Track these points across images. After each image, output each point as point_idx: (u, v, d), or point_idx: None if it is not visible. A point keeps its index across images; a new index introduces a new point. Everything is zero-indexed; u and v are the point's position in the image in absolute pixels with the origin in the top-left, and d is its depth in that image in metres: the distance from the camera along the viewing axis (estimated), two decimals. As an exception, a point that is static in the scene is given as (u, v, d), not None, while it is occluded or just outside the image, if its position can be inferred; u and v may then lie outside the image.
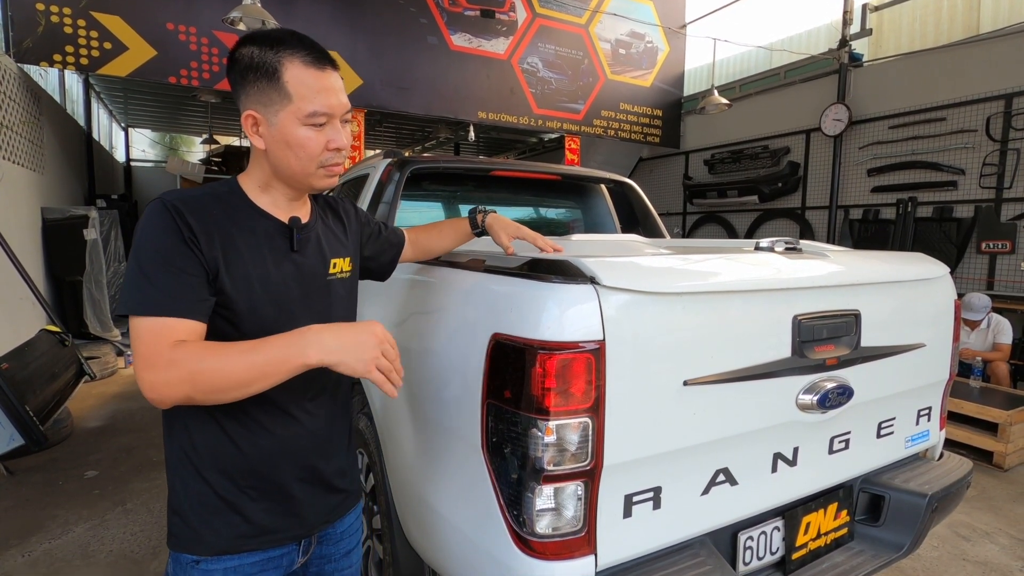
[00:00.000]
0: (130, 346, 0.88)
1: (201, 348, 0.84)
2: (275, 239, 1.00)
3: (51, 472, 3.27)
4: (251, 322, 0.94)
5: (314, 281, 1.04)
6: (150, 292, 0.85)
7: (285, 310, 0.98)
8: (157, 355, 0.83)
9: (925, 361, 1.62)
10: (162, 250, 0.87)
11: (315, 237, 1.07)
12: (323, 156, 0.97)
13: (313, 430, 1.05)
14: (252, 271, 0.94)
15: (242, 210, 0.98)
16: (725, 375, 1.19)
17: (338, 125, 0.98)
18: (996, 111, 5.08)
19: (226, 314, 0.93)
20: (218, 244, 0.91)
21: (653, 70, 7.91)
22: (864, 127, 6.12)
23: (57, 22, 4.64)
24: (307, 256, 1.04)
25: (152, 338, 0.84)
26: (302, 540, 1.07)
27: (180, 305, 0.86)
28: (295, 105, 0.93)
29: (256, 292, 0.95)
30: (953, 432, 3.63)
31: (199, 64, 5.22)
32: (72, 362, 4.03)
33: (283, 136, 0.94)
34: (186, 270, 0.87)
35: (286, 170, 0.98)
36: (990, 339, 4.39)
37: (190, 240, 0.88)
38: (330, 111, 0.95)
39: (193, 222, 0.89)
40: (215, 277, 0.90)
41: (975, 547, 2.59)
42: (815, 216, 6.72)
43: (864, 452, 1.56)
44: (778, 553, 1.43)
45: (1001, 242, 5.02)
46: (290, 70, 0.92)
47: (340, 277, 1.10)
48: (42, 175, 5.71)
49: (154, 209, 0.90)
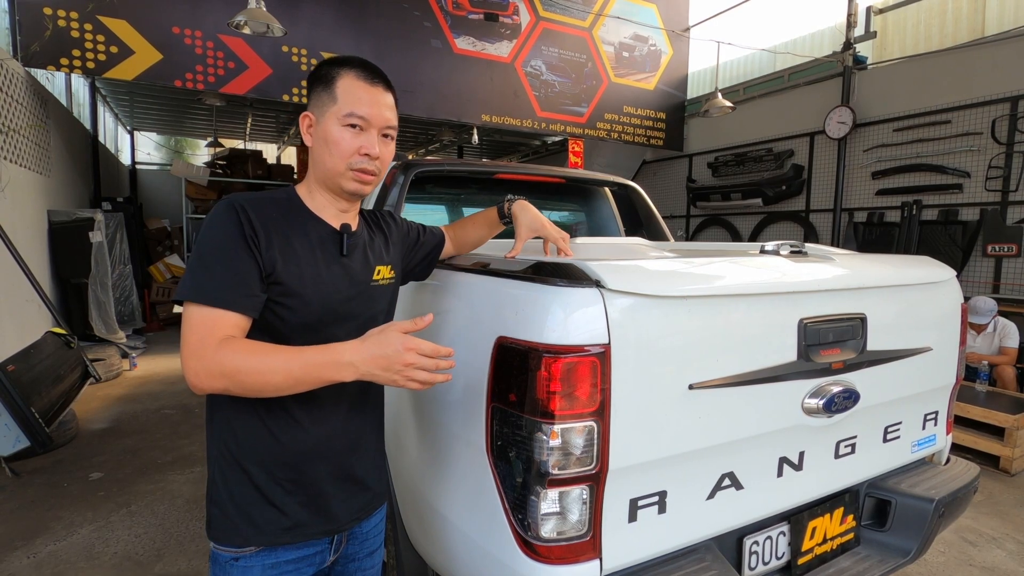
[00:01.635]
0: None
1: (245, 350, 0.90)
2: (327, 243, 1.07)
3: (56, 474, 3.28)
4: (298, 317, 1.00)
5: (359, 285, 1.10)
6: (205, 282, 0.92)
7: (331, 309, 1.04)
8: (203, 347, 0.89)
9: (931, 365, 1.61)
10: (223, 244, 0.94)
11: (362, 245, 1.14)
12: (353, 159, 1.04)
13: (349, 428, 1.10)
14: (305, 270, 1.01)
15: (298, 214, 1.06)
16: (730, 379, 1.18)
17: (374, 135, 1.05)
18: (1002, 114, 5.06)
19: (277, 308, 0.98)
20: (276, 243, 0.98)
21: (656, 73, 7.91)
22: (868, 130, 6.11)
23: (64, 26, 4.67)
24: (354, 261, 1.10)
25: (201, 328, 0.90)
26: (334, 536, 1.11)
27: (231, 297, 0.92)
28: (337, 106, 1.03)
29: (307, 290, 1.01)
30: (959, 436, 3.60)
31: (204, 68, 5.25)
32: (77, 364, 4.05)
33: (324, 133, 1.04)
34: (242, 265, 0.94)
35: (321, 168, 1.06)
36: (996, 343, 4.37)
37: (251, 237, 0.95)
38: (367, 117, 1.03)
39: (256, 221, 0.97)
40: (270, 274, 0.97)
41: (982, 552, 2.57)
42: (819, 219, 6.70)
43: (870, 456, 1.55)
44: (784, 558, 1.42)
45: (1007, 245, 4.99)
46: (343, 79, 1.04)
47: (382, 284, 1.17)
48: (48, 178, 5.74)
49: (222, 206, 0.98)
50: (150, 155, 12.78)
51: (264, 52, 5.48)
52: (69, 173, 6.68)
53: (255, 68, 5.47)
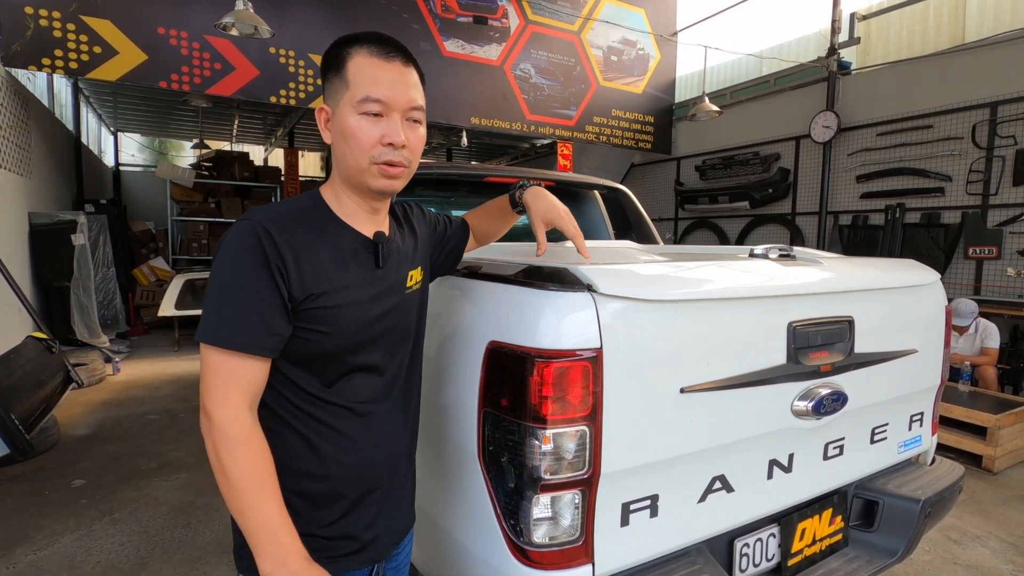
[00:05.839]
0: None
1: (238, 449, 0.83)
2: (360, 255, 0.96)
3: (37, 481, 3.21)
4: (332, 342, 0.92)
5: (394, 296, 1.01)
6: (218, 323, 0.84)
7: (368, 325, 0.96)
8: (214, 399, 0.84)
9: (917, 367, 1.63)
10: (240, 276, 0.84)
11: (395, 249, 1.04)
12: (376, 151, 0.91)
13: (392, 449, 1.04)
14: (340, 289, 0.92)
15: (327, 224, 0.95)
16: (721, 382, 1.19)
17: (396, 119, 0.92)
18: (982, 119, 5.16)
19: (308, 334, 0.90)
20: (306, 266, 0.88)
21: (645, 77, 7.97)
22: (853, 134, 6.19)
23: (46, 26, 4.59)
24: (389, 271, 1.01)
25: (216, 373, 0.84)
26: (374, 566, 1.04)
27: (246, 340, 0.84)
28: (351, 92, 0.90)
29: (343, 310, 0.92)
30: (943, 436, 3.66)
31: (190, 69, 5.19)
32: (59, 369, 3.97)
33: (340, 126, 0.92)
34: (264, 300, 0.84)
35: (343, 166, 0.95)
36: (978, 344, 4.44)
37: (276, 265, 0.85)
38: (385, 100, 0.90)
39: (283, 244, 0.86)
40: (301, 301, 0.88)
41: (966, 551, 2.61)
42: (805, 222, 6.78)
43: (858, 458, 1.56)
44: (774, 560, 1.43)
45: (987, 248, 5.08)
46: (354, 59, 0.91)
47: (415, 289, 1.07)
48: (29, 180, 5.64)
49: (240, 230, 0.86)
50: (134, 156, 12.61)
51: (251, 54, 5.43)
52: (51, 175, 6.57)
53: (242, 70, 5.43)
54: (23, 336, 3.92)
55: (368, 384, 0.98)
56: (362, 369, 0.97)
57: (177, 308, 6.67)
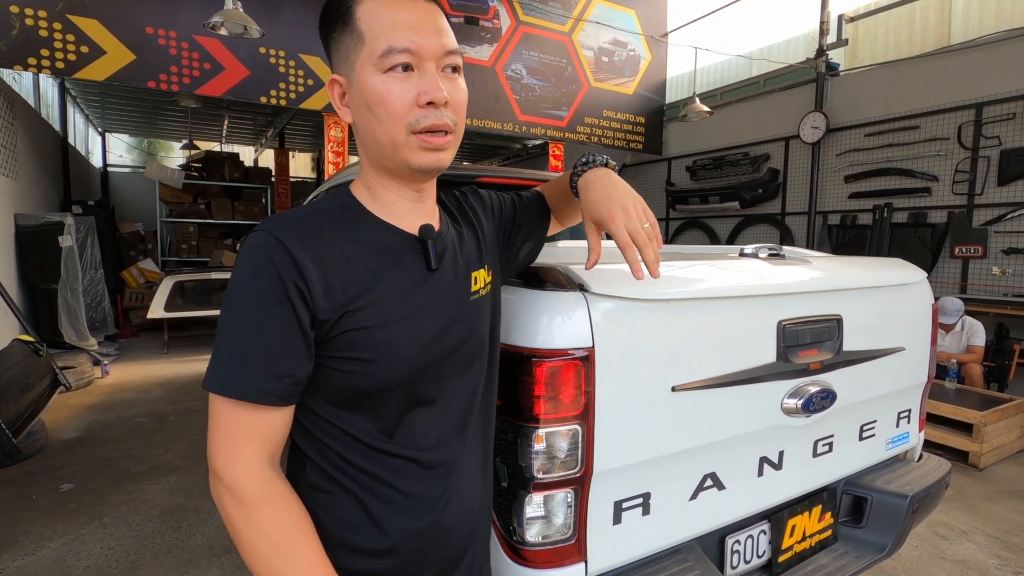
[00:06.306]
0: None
1: (258, 511, 0.67)
2: (405, 258, 0.76)
3: (24, 486, 3.17)
4: (383, 368, 0.73)
5: (456, 305, 0.80)
6: (220, 366, 0.68)
7: (426, 346, 0.76)
8: (223, 455, 0.68)
9: (904, 364, 1.65)
10: (245, 306, 0.68)
11: (451, 247, 0.83)
12: (412, 115, 0.71)
13: (471, 508, 0.85)
14: (382, 301, 0.72)
15: (360, 225, 0.76)
16: (712, 380, 1.20)
17: (432, 70, 0.71)
18: (967, 119, 5.23)
19: (350, 363, 0.72)
20: (335, 274, 0.70)
21: (636, 78, 8.00)
22: (841, 135, 6.26)
23: (32, 25, 4.54)
24: (445, 274, 0.80)
25: (222, 425, 0.69)
26: None
27: (250, 387, 0.67)
28: (368, 47, 0.70)
29: (389, 329, 0.73)
30: (930, 433, 3.70)
31: (179, 69, 5.15)
32: (47, 372, 3.93)
33: (362, 94, 0.72)
34: (269, 334, 0.67)
35: (373, 146, 0.75)
36: (964, 342, 4.50)
37: (293, 283, 0.67)
38: (414, 48, 0.70)
39: (301, 254, 0.68)
40: (335, 320, 0.70)
41: (953, 546, 2.64)
42: (794, 222, 6.84)
43: (847, 455, 1.58)
44: (765, 556, 1.44)
45: (973, 247, 5.15)
46: (364, 5, 0.72)
47: (483, 294, 0.87)
48: (15, 181, 5.57)
49: (249, 244, 0.69)
50: (122, 157, 12.49)
51: (241, 54, 5.40)
52: (37, 176, 6.49)
53: (232, 70, 5.39)
54: (10, 339, 3.87)
55: (435, 424, 0.80)
56: (425, 404, 0.79)
57: (166, 310, 6.62)
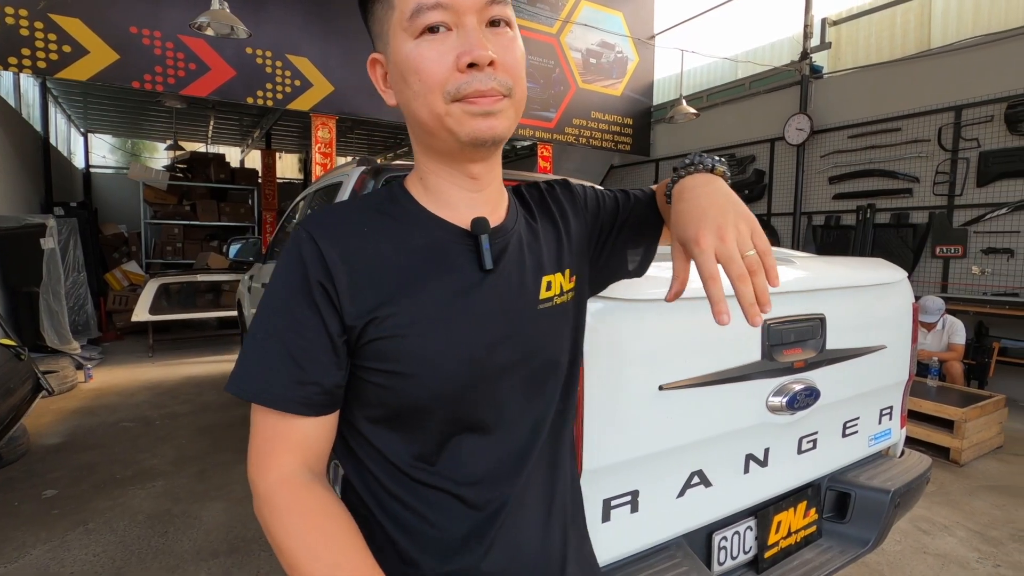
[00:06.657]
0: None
1: (290, 517, 0.59)
2: (456, 257, 0.66)
3: (6, 492, 3.12)
4: (422, 384, 0.63)
5: (517, 314, 0.68)
6: (244, 369, 0.63)
7: (475, 360, 0.64)
8: (257, 465, 0.62)
9: (886, 362, 1.69)
10: (275, 306, 0.63)
11: (515, 245, 0.70)
12: (452, 81, 0.59)
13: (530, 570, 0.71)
14: (418, 310, 0.63)
15: (408, 221, 0.67)
16: (699, 379, 1.22)
17: (473, 26, 0.59)
18: (947, 122, 5.33)
19: (383, 376, 0.63)
20: (365, 275, 0.62)
21: (623, 79, 8.05)
22: (825, 136, 6.35)
23: (13, 24, 4.47)
24: (505, 276, 0.68)
25: (257, 433, 0.63)
26: None
27: (273, 392, 0.61)
28: (398, 10, 0.61)
29: (426, 338, 0.63)
30: (912, 430, 3.77)
31: (164, 69, 5.10)
32: (28, 377, 3.86)
33: (397, 67, 0.63)
34: (295, 336, 0.61)
35: (417, 125, 0.65)
36: (945, 340, 4.59)
37: (319, 283, 0.61)
38: (446, 2, 0.59)
39: (331, 251, 0.62)
40: (363, 326, 0.62)
41: (935, 540, 2.69)
42: (780, 222, 6.93)
43: (831, 451, 1.61)
44: (751, 552, 1.46)
45: (953, 247, 5.26)
46: None
47: (558, 301, 0.73)
48: (-5, 182, 5.48)
49: (290, 240, 0.64)
50: (105, 158, 12.31)
51: (227, 54, 5.35)
52: (17, 177, 6.39)
53: (217, 70, 5.35)
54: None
55: (486, 454, 0.67)
56: (475, 430, 0.67)
57: (151, 313, 6.53)
